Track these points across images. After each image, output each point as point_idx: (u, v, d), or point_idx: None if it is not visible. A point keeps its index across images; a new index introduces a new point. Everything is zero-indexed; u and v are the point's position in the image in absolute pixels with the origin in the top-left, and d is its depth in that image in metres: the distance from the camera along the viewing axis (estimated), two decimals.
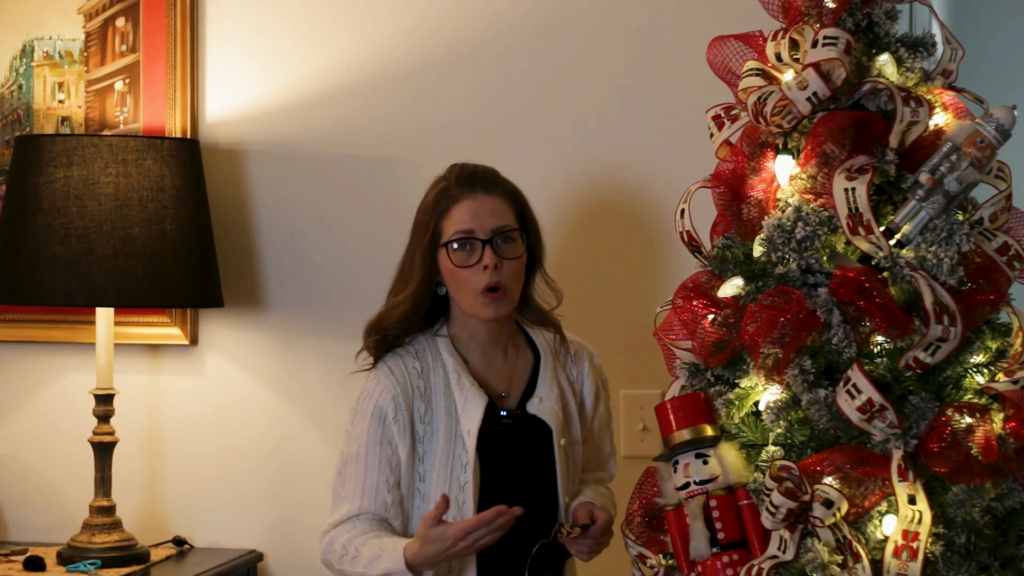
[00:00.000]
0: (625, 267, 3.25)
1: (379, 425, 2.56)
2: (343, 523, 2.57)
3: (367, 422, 2.57)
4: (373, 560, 2.51)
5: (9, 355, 3.52)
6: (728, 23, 2.63)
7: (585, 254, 3.27)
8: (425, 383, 2.58)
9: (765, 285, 2.26)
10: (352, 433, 2.60)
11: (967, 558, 2.15)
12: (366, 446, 2.56)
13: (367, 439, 2.57)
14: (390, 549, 2.50)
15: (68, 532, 3.28)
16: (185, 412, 3.44)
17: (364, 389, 2.62)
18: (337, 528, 2.58)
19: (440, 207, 2.59)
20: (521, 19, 3.29)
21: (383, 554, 2.50)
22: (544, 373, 2.66)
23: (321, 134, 3.39)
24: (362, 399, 2.61)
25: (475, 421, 2.55)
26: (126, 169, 3.12)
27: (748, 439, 2.27)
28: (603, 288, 3.24)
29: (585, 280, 3.25)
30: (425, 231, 2.59)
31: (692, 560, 2.25)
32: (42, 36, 3.50)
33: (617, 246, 3.26)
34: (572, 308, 2.99)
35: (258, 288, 3.42)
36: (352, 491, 2.57)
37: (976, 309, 2.20)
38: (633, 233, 3.25)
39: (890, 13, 2.35)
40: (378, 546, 2.51)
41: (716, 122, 2.44)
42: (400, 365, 2.59)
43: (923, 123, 2.25)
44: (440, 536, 2.43)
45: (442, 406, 2.57)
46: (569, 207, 3.26)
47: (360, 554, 2.52)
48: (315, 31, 3.39)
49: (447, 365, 2.59)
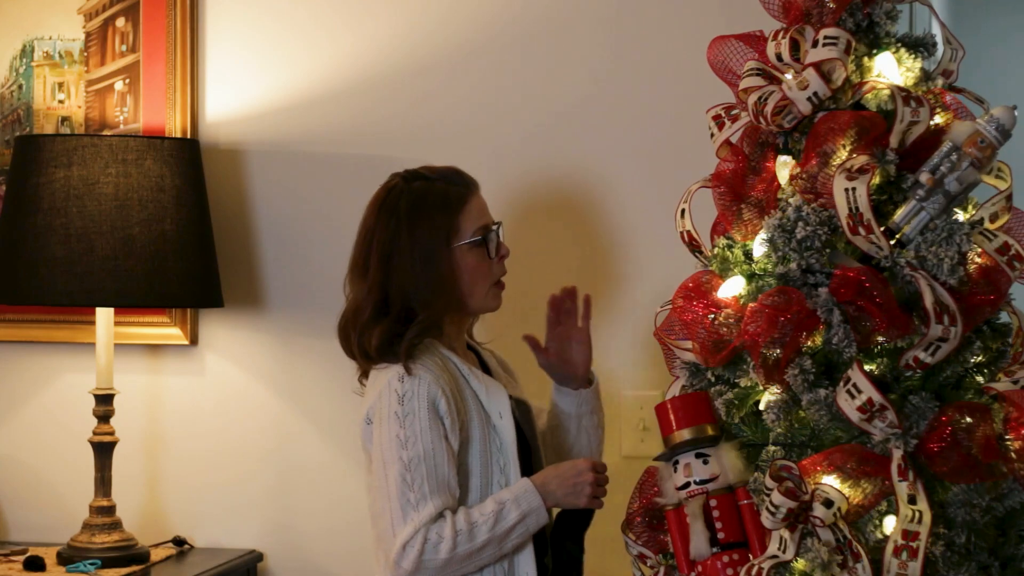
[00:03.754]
0: (625, 267, 3.25)
1: (436, 420, 2.49)
2: (430, 522, 2.45)
3: (426, 420, 2.49)
4: (497, 516, 2.46)
5: (9, 355, 3.52)
6: (728, 23, 2.63)
7: (585, 254, 3.27)
8: (450, 376, 2.56)
9: (765, 285, 2.26)
10: (409, 435, 2.49)
11: (967, 558, 2.15)
12: (431, 442, 2.47)
13: (430, 436, 2.48)
14: (511, 494, 2.47)
15: (68, 532, 3.28)
16: (185, 412, 3.44)
17: (405, 391, 2.50)
18: (425, 528, 2.44)
19: (452, 207, 2.57)
20: (521, 19, 3.29)
21: (507, 502, 2.46)
22: (491, 363, 2.71)
23: (321, 134, 3.39)
24: (408, 400, 2.50)
25: (505, 404, 2.56)
26: (126, 169, 3.12)
27: (748, 439, 2.27)
28: (603, 288, 3.24)
29: (585, 280, 3.24)
30: (444, 233, 2.56)
31: (692, 560, 2.25)
32: (42, 36, 3.50)
33: (617, 246, 3.26)
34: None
35: (258, 288, 3.42)
36: (428, 490, 2.46)
37: (976, 309, 2.20)
38: (633, 233, 3.25)
39: (890, 13, 2.35)
40: (492, 502, 2.47)
41: (717, 122, 2.45)
42: (427, 363, 2.54)
43: (923, 123, 2.25)
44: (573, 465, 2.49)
45: (469, 395, 2.57)
46: (569, 207, 3.26)
47: (476, 522, 2.45)
48: (315, 31, 3.39)
49: (453, 360, 2.59)
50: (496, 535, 2.45)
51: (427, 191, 2.58)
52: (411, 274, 2.54)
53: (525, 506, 2.46)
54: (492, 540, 2.46)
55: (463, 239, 2.56)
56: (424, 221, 2.56)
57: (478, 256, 2.57)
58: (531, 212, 3.28)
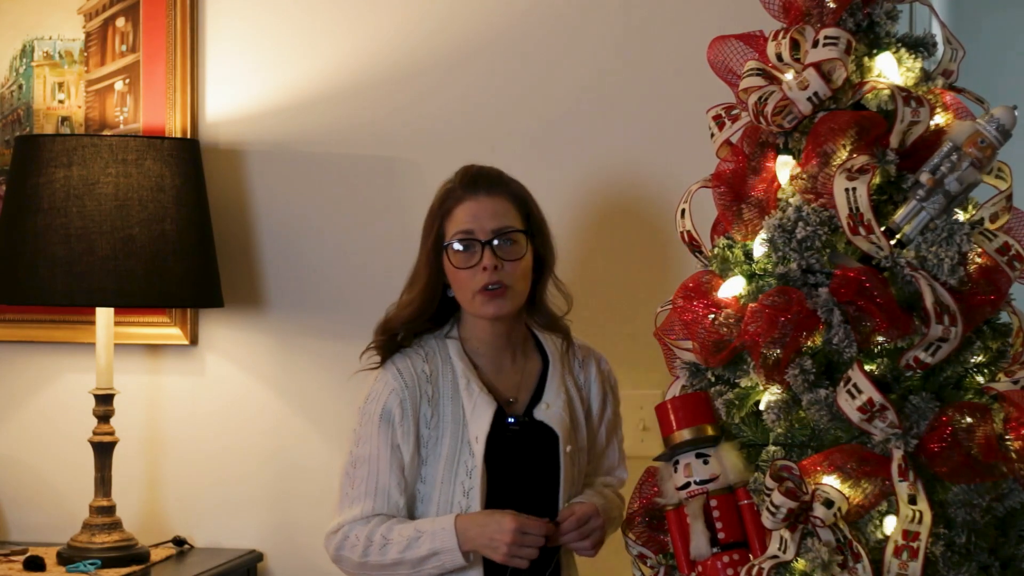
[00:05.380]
0: (625, 267, 3.25)
1: (387, 428, 2.55)
2: (355, 521, 2.56)
3: (376, 425, 2.56)
4: (411, 542, 2.49)
5: (9, 355, 3.52)
6: (729, 23, 2.63)
7: (585, 253, 3.27)
8: (434, 387, 2.57)
9: (766, 285, 2.26)
10: (361, 435, 2.59)
11: (967, 558, 2.15)
12: (377, 448, 2.55)
13: (377, 441, 2.56)
14: (432, 527, 2.49)
15: (68, 532, 3.28)
16: (185, 412, 3.44)
17: (372, 390, 2.60)
18: (349, 525, 2.56)
19: (444, 208, 2.60)
20: (521, 19, 3.29)
21: (424, 534, 2.49)
22: (552, 378, 2.65)
23: (321, 134, 3.39)
24: (370, 400, 2.59)
25: (483, 427, 2.55)
26: (126, 169, 3.12)
27: (749, 439, 2.27)
28: (603, 288, 3.24)
29: (585, 280, 3.24)
30: (429, 233, 2.60)
31: (692, 560, 2.25)
32: (42, 36, 3.50)
33: (617, 246, 3.26)
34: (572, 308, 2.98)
35: (258, 288, 3.42)
36: (364, 491, 2.56)
37: (977, 309, 2.20)
38: (633, 233, 3.25)
39: (891, 13, 2.35)
40: (413, 528, 2.50)
41: (717, 122, 2.45)
42: (410, 367, 2.58)
43: (924, 123, 2.25)
44: (498, 521, 2.46)
45: (449, 411, 2.56)
46: (569, 206, 3.26)
47: (391, 540, 2.50)
48: (315, 31, 3.39)
49: (456, 369, 2.59)
50: (407, 559, 2.51)
51: (441, 189, 2.64)
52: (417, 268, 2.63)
53: (438, 544, 2.49)
54: (403, 562, 2.51)
55: (443, 243, 2.59)
56: (427, 219, 2.63)
57: (456, 262, 2.57)
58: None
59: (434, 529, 2.49)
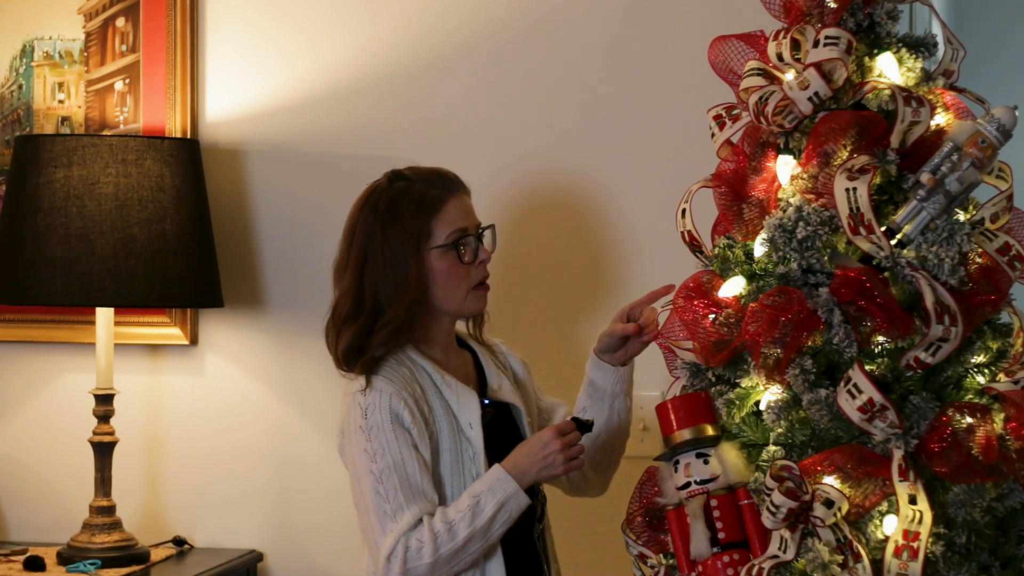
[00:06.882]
0: (625, 267, 3.25)
1: (402, 430, 2.49)
2: (409, 531, 2.44)
3: (390, 431, 2.48)
4: (473, 512, 2.44)
5: (9, 355, 3.52)
6: (729, 23, 2.63)
7: (585, 253, 3.27)
8: (420, 386, 2.56)
9: (766, 285, 2.26)
10: (376, 449, 2.49)
11: (968, 558, 2.15)
12: (399, 453, 2.47)
13: (398, 447, 2.48)
14: (484, 487, 2.45)
15: (68, 532, 3.28)
16: (185, 412, 3.44)
17: (368, 405, 2.51)
18: (405, 536, 2.43)
19: (429, 209, 2.56)
20: (520, 18, 3.29)
21: (481, 495, 2.44)
22: (487, 363, 2.68)
23: (321, 134, 3.39)
24: (371, 413, 2.50)
25: (475, 414, 2.55)
26: (126, 169, 3.12)
27: (749, 439, 2.27)
28: (603, 288, 3.24)
29: (584, 280, 3.25)
30: (415, 236, 2.54)
31: (693, 560, 2.25)
32: (42, 36, 3.50)
33: (617, 245, 3.26)
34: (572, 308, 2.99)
35: (258, 288, 3.42)
36: (403, 500, 2.45)
37: (977, 309, 2.20)
38: (634, 233, 3.25)
39: (891, 13, 2.35)
40: (467, 499, 2.45)
41: (717, 122, 2.44)
42: (393, 373, 2.53)
43: (924, 123, 2.25)
44: (537, 440, 2.45)
45: (438, 406, 2.56)
46: (569, 206, 3.26)
47: (453, 521, 2.43)
48: (315, 31, 3.39)
49: (425, 368, 2.58)
50: (477, 528, 2.44)
51: (405, 192, 2.57)
52: (382, 275, 2.54)
53: (501, 494, 2.44)
54: (475, 534, 2.44)
55: (435, 243, 2.54)
56: (397, 223, 2.55)
57: (451, 260, 2.55)
58: (531, 212, 3.28)
59: (487, 486, 2.45)
